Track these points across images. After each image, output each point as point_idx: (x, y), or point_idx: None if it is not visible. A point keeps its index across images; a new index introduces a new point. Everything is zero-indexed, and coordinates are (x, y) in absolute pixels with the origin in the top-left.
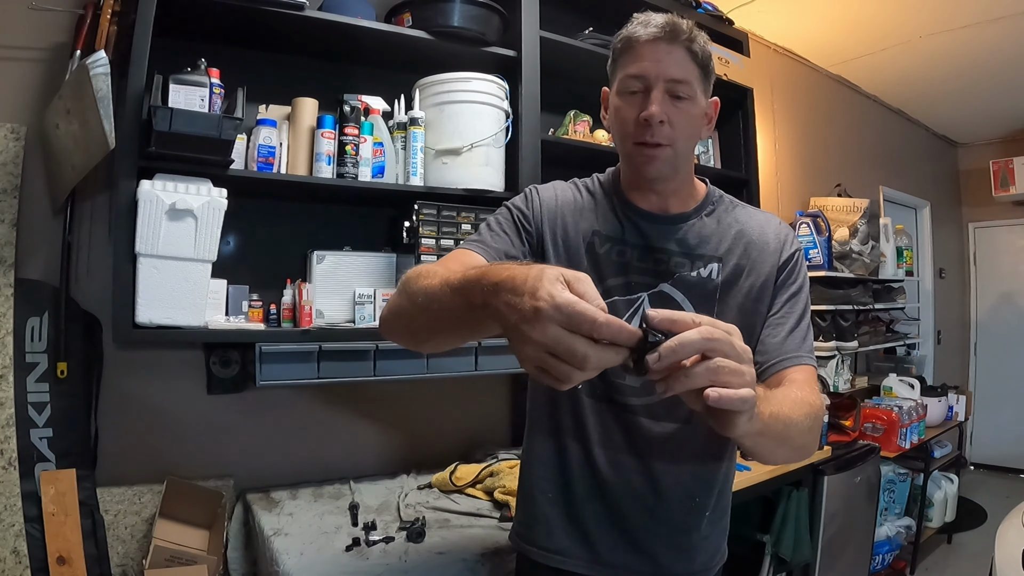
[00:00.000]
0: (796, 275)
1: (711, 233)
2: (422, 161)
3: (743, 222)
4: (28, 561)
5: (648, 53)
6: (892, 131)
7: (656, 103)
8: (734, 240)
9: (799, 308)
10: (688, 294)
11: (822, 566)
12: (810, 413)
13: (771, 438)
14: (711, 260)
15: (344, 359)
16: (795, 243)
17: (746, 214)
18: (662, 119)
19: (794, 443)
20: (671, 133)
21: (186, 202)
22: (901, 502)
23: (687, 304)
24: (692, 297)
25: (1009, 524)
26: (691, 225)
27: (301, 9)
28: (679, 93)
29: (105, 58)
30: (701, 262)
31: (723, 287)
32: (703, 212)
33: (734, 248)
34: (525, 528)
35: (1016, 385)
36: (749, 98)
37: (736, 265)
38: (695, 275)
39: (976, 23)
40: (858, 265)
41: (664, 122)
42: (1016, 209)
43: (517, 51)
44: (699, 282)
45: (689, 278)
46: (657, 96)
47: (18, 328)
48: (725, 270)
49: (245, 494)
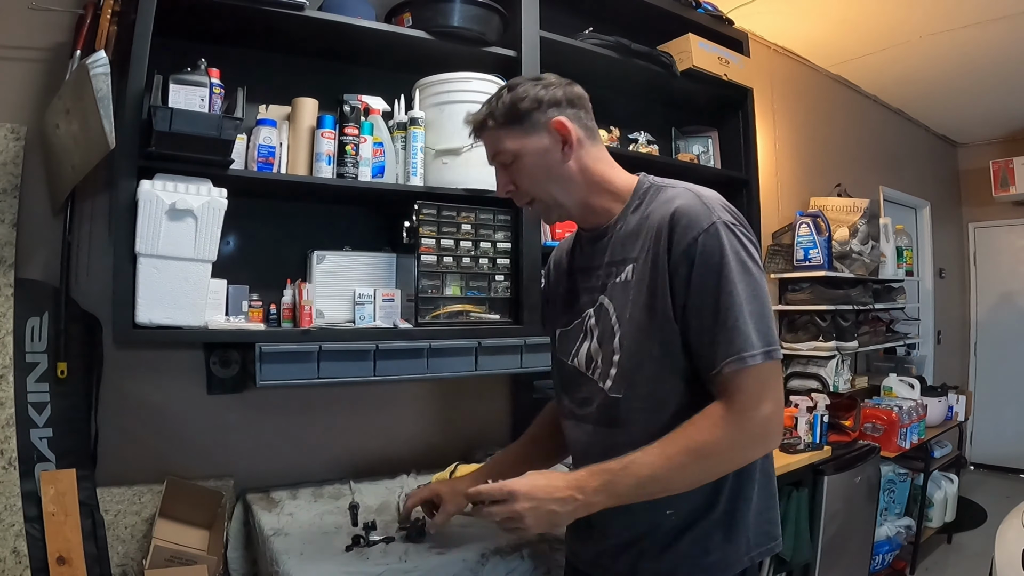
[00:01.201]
0: (703, 264)
1: (631, 233)
2: (422, 161)
3: (653, 211)
4: (28, 561)
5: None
6: (892, 131)
7: (499, 180)
8: (645, 235)
9: (718, 302)
10: (613, 301)
11: (822, 566)
12: (686, 458)
13: (632, 499)
14: (628, 263)
15: (344, 359)
16: (695, 225)
17: (661, 198)
18: (508, 189)
19: (669, 491)
20: (523, 191)
21: (186, 202)
22: (901, 502)
23: (612, 310)
24: (616, 303)
25: (1009, 524)
26: (617, 231)
27: (301, 9)
28: (503, 162)
29: (105, 58)
30: (622, 266)
31: (635, 287)
32: (628, 211)
33: (644, 244)
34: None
35: (1016, 385)
36: (749, 98)
37: (644, 261)
38: (620, 280)
39: (976, 23)
40: (858, 265)
41: (512, 190)
42: (1016, 209)
43: (517, 51)
44: (620, 287)
45: (616, 285)
46: (498, 175)
47: (18, 328)
48: (637, 268)
49: (245, 494)
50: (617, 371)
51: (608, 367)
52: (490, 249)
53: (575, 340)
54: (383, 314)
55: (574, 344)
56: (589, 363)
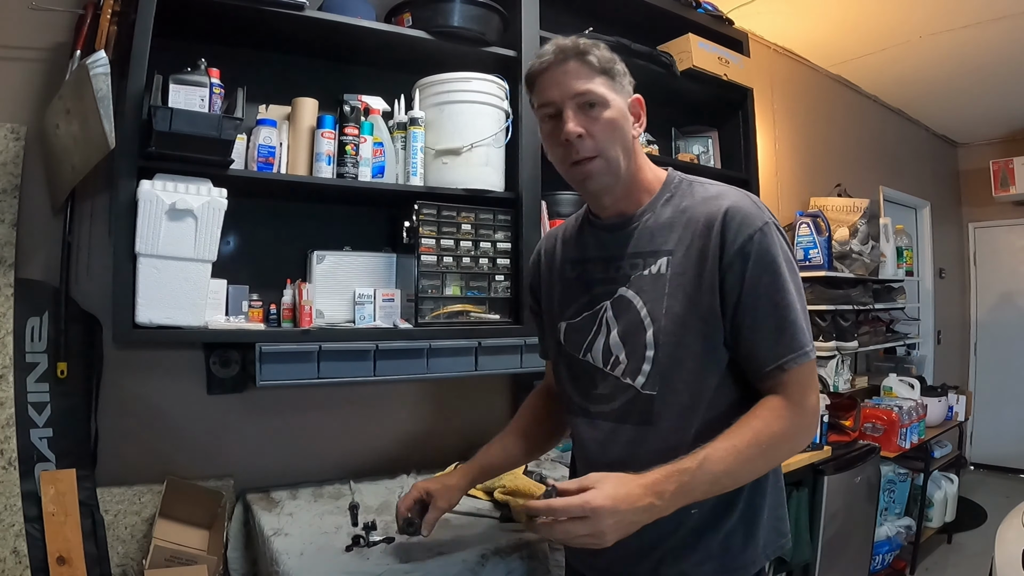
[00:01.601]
0: (758, 262)
1: (664, 225)
2: (422, 161)
3: (694, 206)
4: (28, 561)
5: (549, 80)
6: (892, 131)
7: (570, 120)
8: (683, 229)
9: (775, 299)
10: (641, 293)
11: (822, 566)
12: (753, 451)
13: (705, 496)
14: (661, 255)
15: (344, 359)
16: (749, 224)
17: (701, 194)
18: (579, 133)
19: (737, 484)
20: (594, 144)
21: (186, 202)
22: (901, 502)
23: (639, 303)
24: (644, 296)
25: (1009, 524)
26: (644, 222)
27: (301, 9)
28: (588, 101)
29: (105, 58)
30: (652, 259)
31: (672, 280)
32: (658, 204)
33: (683, 238)
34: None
35: (1016, 385)
36: (749, 98)
37: (685, 256)
38: (648, 273)
39: (976, 23)
40: (858, 265)
41: (583, 135)
42: (1016, 209)
43: (517, 51)
44: (651, 279)
45: (643, 277)
46: (569, 114)
47: (18, 328)
48: (674, 262)
49: (245, 494)
50: (652, 367)
51: (639, 363)
52: (490, 249)
53: (587, 333)
54: (383, 314)
55: (586, 338)
56: (608, 358)
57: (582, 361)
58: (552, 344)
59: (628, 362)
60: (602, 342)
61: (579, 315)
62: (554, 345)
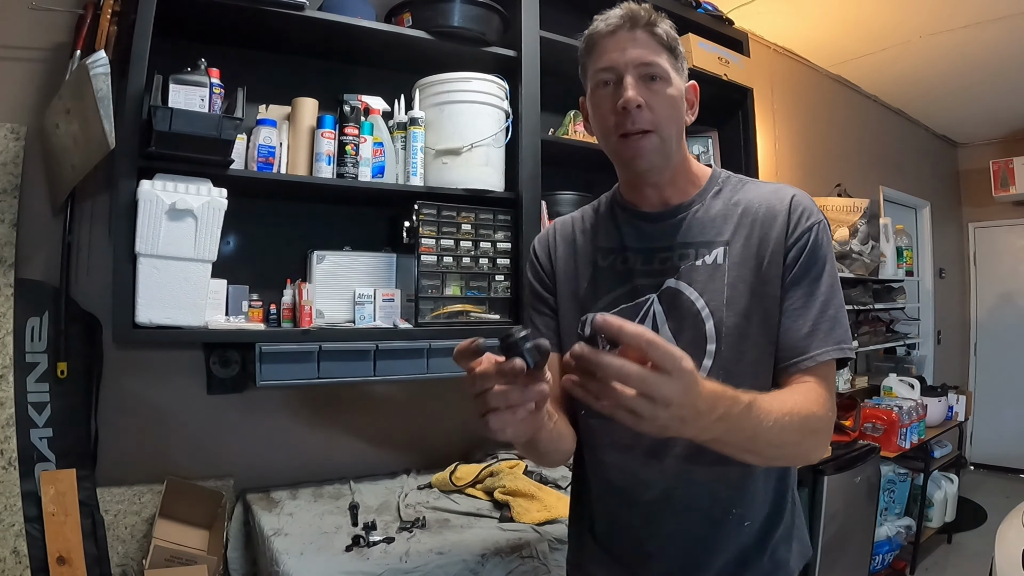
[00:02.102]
0: (813, 252)
1: (716, 216)
2: (422, 161)
3: (750, 199)
4: (28, 561)
5: (612, 44)
6: (892, 131)
7: (631, 88)
8: (740, 220)
9: (821, 291)
10: (695, 284)
11: (822, 566)
12: (793, 422)
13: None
14: (716, 245)
15: (344, 359)
16: (811, 215)
17: (754, 189)
18: (639, 103)
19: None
20: (652, 117)
21: (186, 202)
22: (901, 502)
23: (694, 295)
24: (699, 287)
25: (1009, 524)
26: (694, 212)
27: (301, 9)
28: (651, 74)
29: (105, 58)
30: (706, 249)
31: (731, 271)
32: (707, 196)
33: (740, 228)
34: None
35: (1016, 385)
36: (749, 98)
37: (744, 246)
38: (701, 263)
39: (976, 23)
40: (858, 265)
41: (642, 106)
42: (1016, 209)
43: (517, 51)
44: (706, 270)
45: (695, 268)
46: (630, 82)
47: (18, 328)
48: (732, 253)
49: (245, 494)
50: (714, 362)
51: (699, 358)
52: (490, 249)
53: None
54: (383, 314)
55: None
56: None
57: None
58: (569, 339)
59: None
60: None
61: (615, 306)
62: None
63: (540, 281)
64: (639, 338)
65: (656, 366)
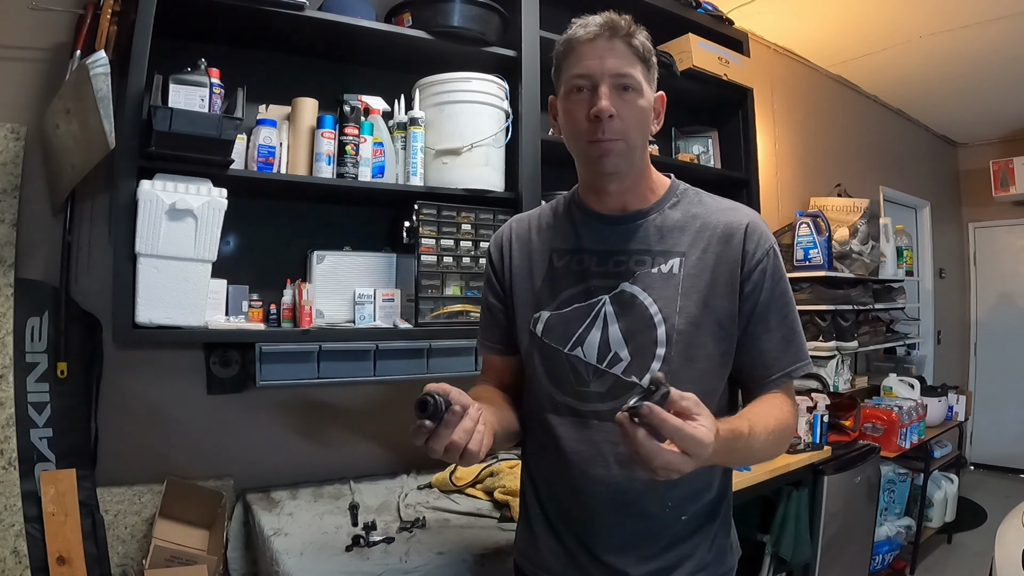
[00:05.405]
0: (775, 276)
1: (674, 227)
2: (422, 161)
3: (708, 214)
4: (28, 561)
5: (590, 51)
6: (892, 131)
7: (604, 98)
8: (697, 234)
9: (788, 311)
10: (649, 291)
11: (822, 566)
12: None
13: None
14: (673, 255)
15: (344, 359)
16: (767, 240)
17: (713, 205)
18: (612, 113)
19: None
20: (622, 127)
21: (186, 202)
22: (901, 502)
23: (648, 300)
24: (654, 294)
25: (1009, 524)
26: (651, 220)
27: (301, 9)
28: (625, 84)
29: (105, 58)
30: (663, 258)
31: (685, 281)
32: (665, 206)
33: (697, 242)
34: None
35: (1016, 385)
36: (749, 98)
37: (700, 259)
38: (656, 271)
39: (976, 23)
40: (858, 265)
41: (614, 116)
42: (1016, 209)
43: (517, 51)
44: (661, 278)
45: (650, 275)
46: (605, 91)
47: (18, 328)
48: (688, 264)
49: (245, 494)
50: (662, 365)
51: (646, 360)
52: None
53: (578, 326)
54: (383, 314)
55: (576, 331)
56: (604, 354)
57: (568, 355)
58: (523, 336)
59: (632, 359)
60: (598, 337)
61: (568, 306)
62: (526, 337)
63: (492, 278)
64: (676, 431)
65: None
